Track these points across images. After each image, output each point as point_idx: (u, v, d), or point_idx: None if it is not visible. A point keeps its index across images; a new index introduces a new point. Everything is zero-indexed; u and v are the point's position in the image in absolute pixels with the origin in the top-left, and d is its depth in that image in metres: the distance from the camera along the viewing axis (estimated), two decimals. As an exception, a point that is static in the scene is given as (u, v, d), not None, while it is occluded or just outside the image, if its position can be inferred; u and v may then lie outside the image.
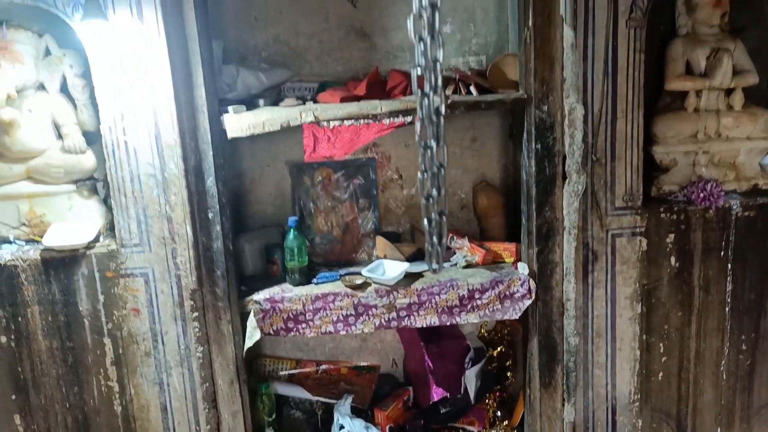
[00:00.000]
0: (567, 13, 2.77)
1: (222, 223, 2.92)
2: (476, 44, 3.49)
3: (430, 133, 1.63)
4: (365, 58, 3.46)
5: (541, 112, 2.90)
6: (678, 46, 3.00)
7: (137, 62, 2.69)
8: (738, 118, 2.99)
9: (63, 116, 2.87)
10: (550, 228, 2.99)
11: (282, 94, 3.31)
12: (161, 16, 2.67)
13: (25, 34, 2.78)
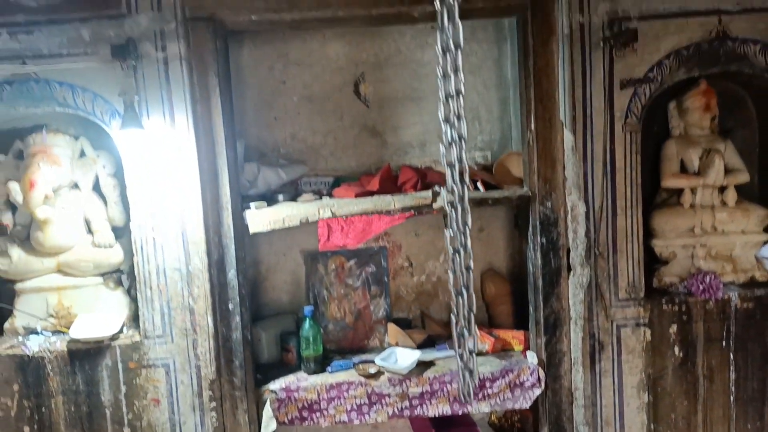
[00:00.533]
0: (566, 119, 2.98)
1: (241, 313, 3.04)
2: (482, 141, 3.70)
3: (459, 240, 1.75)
4: (377, 153, 3.67)
5: (545, 208, 3.07)
6: (672, 146, 3.20)
7: (168, 164, 2.88)
8: (732, 214, 3.16)
9: (94, 213, 3.04)
10: (557, 318, 3.11)
11: (299, 188, 3.50)
12: (192, 121, 2.88)
13: (63, 137, 2.99)
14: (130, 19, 2.76)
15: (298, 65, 3.58)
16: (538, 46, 2.98)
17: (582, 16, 2.90)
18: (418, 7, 2.95)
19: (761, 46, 2.95)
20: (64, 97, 2.78)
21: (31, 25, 2.73)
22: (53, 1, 2.73)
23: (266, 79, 3.56)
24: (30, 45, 2.73)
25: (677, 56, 2.94)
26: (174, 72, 2.81)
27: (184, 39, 2.81)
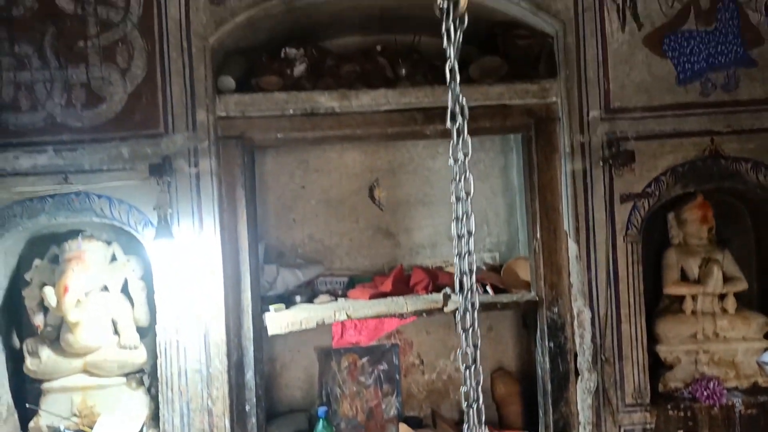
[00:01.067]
0: (570, 230, 3.16)
1: (257, 414, 3.14)
2: (490, 242, 3.88)
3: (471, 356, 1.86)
4: (390, 254, 3.84)
5: (552, 313, 3.20)
6: (672, 254, 3.36)
7: (194, 269, 3.04)
8: (732, 321, 3.28)
9: (121, 314, 3.18)
10: (566, 423, 3.18)
11: (316, 288, 3.66)
12: (218, 229, 3.06)
13: (97, 243, 3.17)
14: (167, 138, 3.00)
15: (317, 171, 3.81)
16: (542, 163, 3.20)
17: (582, 136, 3.12)
18: (430, 126, 3.19)
19: (752, 164, 3.15)
20: (102, 209, 2.99)
21: (75, 143, 2.97)
22: (97, 122, 2.98)
23: (287, 184, 3.78)
24: (73, 161, 2.96)
25: (673, 173, 3.14)
26: (204, 185, 3.02)
27: (215, 156, 3.04)
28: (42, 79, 2.96)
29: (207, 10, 3.01)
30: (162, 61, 3.00)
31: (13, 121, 2.95)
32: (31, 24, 2.95)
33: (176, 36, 3.00)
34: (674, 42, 3.11)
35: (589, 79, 3.13)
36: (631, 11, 3.11)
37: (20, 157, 2.94)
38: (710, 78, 3.13)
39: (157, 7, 2.99)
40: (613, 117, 3.12)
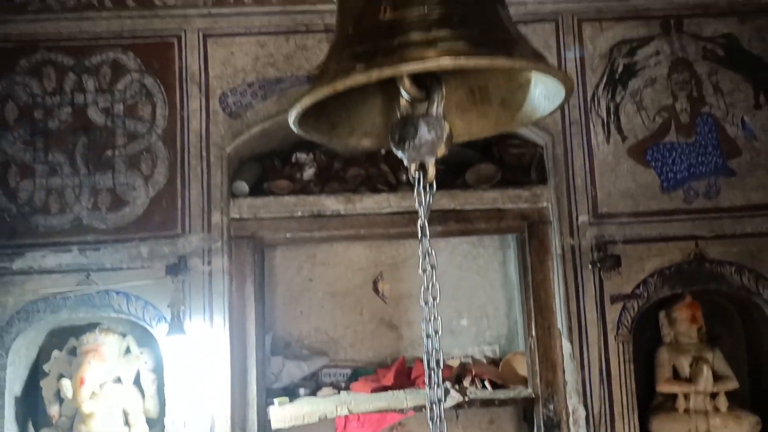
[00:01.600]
0: (564, 328, 3.30)
1: None
2: (489, 336, 4.01)
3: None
4: (393, 346, 3.98)
5: (548, 410, 3.29)
6: (664, 353, 3.47)
7: (204, 363, 3.19)
8: (725, 420, 3.34)
9: (132, 406, 3.31)
10: None
11: (320, 380, 3.78)
12: (228, 325, 3.23)
13: (113, 336, 3.35)
14: (184, 238, 3.22)
15: (323, 265, 4.01)
16: (535, 263, 3.38)
17: (572, 239, 3.31)
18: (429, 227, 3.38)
19: (736, 268, 3.30)
20: (119, 305, 3.18)
21: (99, 243, 3.20)
22: (120, 224, 3.22)
23: (295, 277, 3.98)
24: (96, 260, 3.19)
25: (660, 275, 3.30)
26: (216, 283, 3.22)
27: (227, 255, 3.25)
28: (71, 184, 3.22)
29: (225, 123, 3.30)
30: (182, 169, 3.26)
31: (43, 223, 3.19)
32: (64, 135, 3.25)
33: (196, 146, 3.28)
34: (657, 153, 3.34)
35: (578, 186, 3.34)
36: (615, 124, 3.36)
37: (47, 255, 3.17)
38: (692, 186, 3.34)
39: (180, 121, 3.28)
40: (601, 222, 3.32)
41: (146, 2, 3.31)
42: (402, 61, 1.01)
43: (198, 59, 3.31)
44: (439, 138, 1.23)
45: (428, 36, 1.04)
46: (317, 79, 1.19)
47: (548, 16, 3.40)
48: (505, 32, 1.12)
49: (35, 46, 3.28)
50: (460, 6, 1.09)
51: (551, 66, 1.12)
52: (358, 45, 1.12)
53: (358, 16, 1.15)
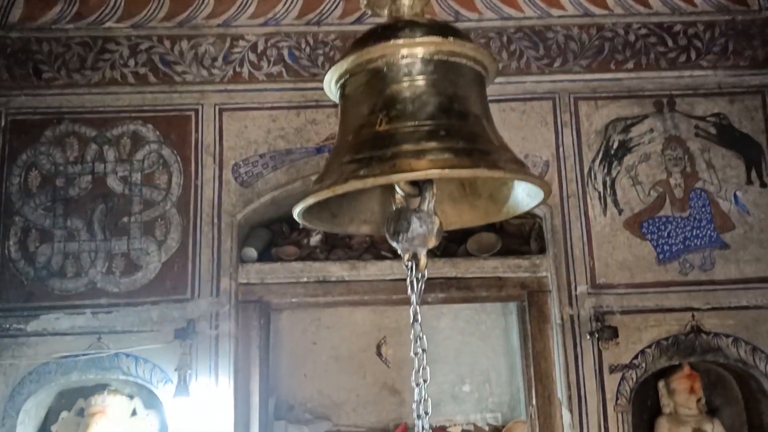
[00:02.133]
0: (563, 398, 3.34)
1: None
2: (492, 402, 4.04)
3: None
4: (395, 410, 4.02)
5: (548, 480, 3.30)
6: (664, 424, 3.49)
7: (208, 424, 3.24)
8: (727, 495, 3.34)
9: (137, 468, 3.36)
10: None
11: (322, 446, 3.81)
12: (232, 387, 3.29)
13: (120, 398, 3.42)
14: (193, 302, 3.33)
15: (328, 329, 4.09)
16: (535, 332, 3.45)
17: (571, 309, 3.38)
18: (432, 294, 3.49)
19: (732, 340, 3.36)
20: (128, 367, 3.27)
21: (111, 306, 3.31)
22: (132, 288, 3.34)
23: (300, 340, 4.06)
24: (107, 323, 3.29)
25: (658, 346, 3.36)
26: (223, 346, 3.30)
27: (234, 319, 3.35)
28: (88, 249, 3.36)
29: (237, 191, 3.46)
30: (194, 235, 3.40)
31: (59, 286, 3.32)
32: (84, 202, 3.41)
33: (209, 213, 3.42)
34: (653, 226, 3.45)
35: (576, 256, 3.44)
36: (611, 198, 3.48)
37: (61, 318, 3.28)
38: (688, 259, 3.43)
39: (194, 189, 3.44)
40: (599, 292, 3.40)
41: (167, 78, 3.52)
42: (394, 171, 1.14)
43: (213, 131, 3.50)
44: (430, 232, 1.35)
45: (418, 147, 1.18)
46: (320, 179, 1.33)
47: (546, 95, 3.58)
48: (488, 143, 1.25)
49: (61, 118, 3.48)
50: (448, 120, 1.24)
51: (529, 174, 1.25)
52: (356, 152, 1.25)
53: (358, 126, 1.29)
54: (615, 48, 3.59)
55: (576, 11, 3.61)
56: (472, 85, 1.32)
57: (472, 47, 1.31)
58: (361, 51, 1.30)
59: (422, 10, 1.42)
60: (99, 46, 3.54)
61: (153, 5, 3.54)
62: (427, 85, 1.27)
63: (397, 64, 1.27)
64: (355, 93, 1.34)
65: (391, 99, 1.26)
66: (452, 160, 1.15)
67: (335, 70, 1.36)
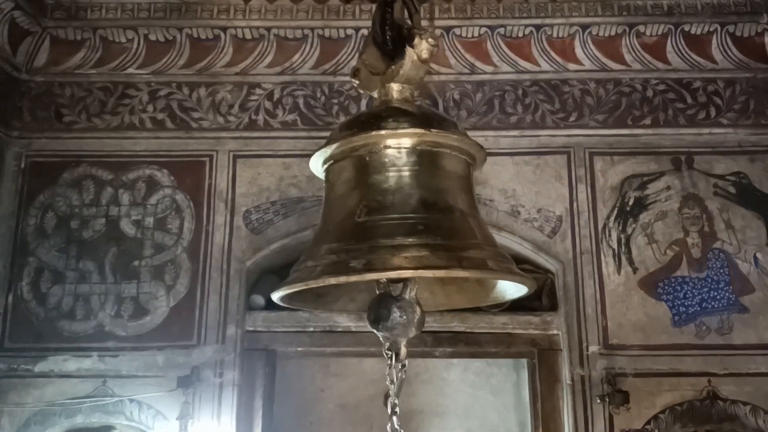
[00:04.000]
0: (572, 462, 3.23)
1: None
2: (500, 459, 3.93)
3: None
4: (401, 463, 3.92)
5: None
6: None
7: (208, 476, 3.22)
8: None
9: None
10: None
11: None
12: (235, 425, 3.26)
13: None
14: (198, 349, 3.32)
15: (336, 376, 4.05)
16: (545, 391, 3.36)
17: (583, 370, 3.29)
18: (439, 348, 3.44)
19: (751, 408, 3.22)
20: (131, 412, 3.26)
21: (118, 350, 3.32)
22: (140, 332, 3.35)
23: (307, 387, 4.02)
24: (113, 366, 3.30)
25: (672, 412, 3.24)
26: (226, 395, 3.28)
27: (239, 367, 3.33)
28: (98, 292, 3.39)
29: (247, 238, 3.47)
30: (203, 280, 3.41)
31: (68, 328, 3.35)
32: (97, 244, 3.45)
33: (218, 259, 3.43)
34: (668, 286, 3.36)
35: (588, 315, 3.36)
36: (626, 256, 3.41)
37: (68, 360, 3.30)
38: (704, 321, 3.32)
39: (205, 235, 3.46)
40: (611, 353, 3.31)
41: (184, 124, 3.58)
42: (369, 269, 1.12)
43: (227, 178, 3.53)
44: (410, 322, 1.32)
45: (395, 242, 1.16)
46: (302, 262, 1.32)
47: (560, 149, 3.54)
48: (469, 238, 1.23)
49: (79, 161, 3.55)
50: (428, 214, 1.22)
51: (507, 273, 1.22)
52: (336, 240, 1.24)
53: (339, 214, 1.28)
54: (632, 103, 3.55)
55: (593, 66, 3.59)
56: (456, 176, 1.30)
57: (456, 138, 1.30)
58: (345, 139, 1.29)
59: (412, 95, 1.42)
60: (119, 92, 3.62)
61: (173, 53, 3.61)
62: (409, 176, 1.25)
63: (379, 153, 1.27)
64: (338, 179, 1.33)
65: (372, 189, 1.25)
66: (428, 258, 1.13)
67: (320, 155, 1.36)
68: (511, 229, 3.48)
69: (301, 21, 3.56)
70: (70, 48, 3.62)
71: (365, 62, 1.46)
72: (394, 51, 1.42)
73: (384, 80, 1.41)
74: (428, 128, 1.26)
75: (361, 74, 1.46)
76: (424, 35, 1.37)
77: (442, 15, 3.58)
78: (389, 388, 1.38)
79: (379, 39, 1.43)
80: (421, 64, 1.38)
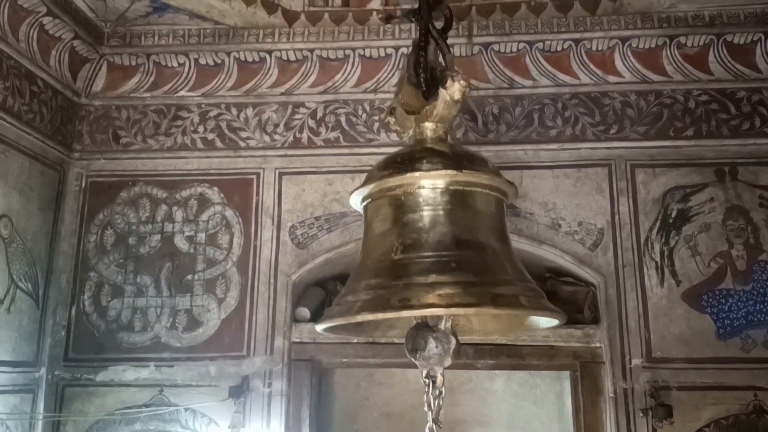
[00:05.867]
0: (616, 475, 3.24)
1: None
2: (544, 469, 3.95)
3: None
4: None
5: None
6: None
7: (258, 482, 3.36)
8: None
9: None
10: None
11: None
12: (284, 431, 3.40)
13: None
14: (248, 360, 3.47)
15: (380, 384, 4.14)
16: (587, 404, 3.38)
17: (626, 383, 3.30)
18: (481, 360, 3.49)
19: (801, 429, 3.18)
20: (186, 420, 3.43)
21: (173, 360, 3.49)
22: (193, 343, 3.52)
23: (353, 395, 4.12)
24: (169, 376, 3.47)
25: (717, 426, 3.21)
26: (274, 405, 3.41)
27: (286, 378, 3.45)
28: (154, 305, 3.57)
29: (293, 252, 3.59)
30: (252, 294, 3.55)
31: (127, 340, 3.54)
32: (153, 259, 3.63)
33: (266, 273, 3.57)
34: (712, 299, 3.33)
35: (631, 328, 3.36)
36: (669, 268, 3.39)
37: (127, 370, 3.49)
38: (750, 335, 3.28)
39: (253, 249, 3.60)
40: (655, 366, 3.30)
41: (232, 144, 3.73)
42: (403, 306, 1.21)
43: (273, 194, 3.66)
44: (446, 352, 1.40)
45: (428, 280, 1.24)
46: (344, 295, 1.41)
47: (601, 162, 3.55)
48: (500, 274, 1.30)
49: (135, 180, 3.74)
50: (459, 252, 1.29)
51: (536, 308, 1.29)
52: (374, 276, 1.33)
53: (377, 251, 1.37)
54: (674, 115, 3.54)
55: (633, 78, 3.59)
56: (488, 213, 1.38)
57: (487, 177, 1.37)
58: (381, 180, 1.38)
59: (445, 133, 1.50)
60: (172, 113, 3.80)
61: (222, 76, 3.77)
62: (442, 215, 1.33)
63: (414, 194, 1.35)
64: (376, 217, 1.42)
65: (407, 228, 1.33)
66: (460, 296, 1.21)
67: (359, 194, 1.45)
68: (552, 242, 3.51)
69: (342, 42, 3.67)
70: (126, 73, 3.81)
71: (401, 101, 1.54)
72: (428, 92, 1.49)
73: (419, 119, 1.49)
74: (460, 169, 1.34)
75: (397, 113, 1.55)
76: (456, 77, 1.44)
77: (480, 32, 3.63)
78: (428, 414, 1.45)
79: (413, 80, 1.52)
80: (454, 104, 1.46)
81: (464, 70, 3.64)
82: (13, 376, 3.28)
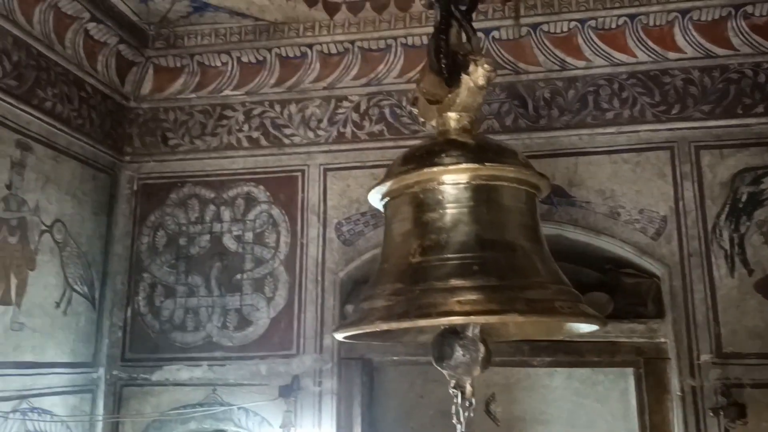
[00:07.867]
0: (686, 478, 3.03)
1: None
2: (609, 469, 3.76)
3: None
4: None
5: None
6: None
7: (312, 483, 3.33)
8: None
9: None
10: None
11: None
12: (335, 431, 3.36)
13: (235, 445, 3.60)
14: (298, 358, 3.44)
15: (435, 381, 4.01)
16: (653, 403, 3.18)
17: (694, 380, 3.08)
18: (537, 358, 3.36)
19: None
20: (239, 419, 3.44)
21: (225, 359, 3.51)
22: (244, 342, 3.52)
23: (407, 393, 4.02)
24: (222, 375, 3.49)
25: (800, 420, 2.96)
26: (325, 404, 3.38)
27: (337, 376, 3.41)
28: (206, 305, 3.59)
29: (339, 250, 3.54)
30: (300, 292, 3.52)
31: (180, 339, 3.57)
32: (203, 259, 3.65)
33: (313, 271, 3.53)
34: (790, 291, 3.06)
35: (699, 322, 3.13)
36: (739, 257, 3.14)
37: (181, 369, 3.53)
38: (834, 329, 3.00)
39: (300, 248, 3.57)
40: (726, 362, 3.07)
41: (277, 141, 3.70)
42: (420, 315, 1.11)
43: (318, 191, 3.61)
44: (474, 361, 1.30)
45: (447, 285, 1.14)
46: (365, 298, 1.32)
47: (663, 144, 3.33)
48: (530, 276, 1.18)
49: (184, 182, 3.77)
50: (482, 253, 1.18)
51: (570, 316, 1.16)
52: (390, 283, 1.23)
53: (395, 253, 1.27)
54: (742, 91, 3.26)
55: (696, 53, 3.33)
56: (516, 209, 1.26)
57: (514, 169, 1.25)
58: (398, 176, 1.28)
59: (471, 122, 1.38)
60: (217, 113, 3.81)
61: (265, 72, 3.74)
62: (465, 212, 1.23)
63: (433, 190, 1.25)
64: (395, 216, 1.33)
65: (427, 228, 1.23)
66: (482, 302, 1.10)
67: (377, 192, 1.35)
68: (611, 232, 3.31)
69: (383, 31, 3.57)
70: (172, 75, 3.84)
71: (423, 90, 1.44)
72: (450, 79, 1.38)
73: (441, 109, 1.38)
74: (483, 162, 1.22)
75: (420, 103, 1.45)
76: (480, 61, 1.32)
77: (527, 12, 3.46)
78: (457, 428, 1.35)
79: (435, 67, 1.41)
80: (478, 90, 1.34)
81: (512, 54, 3.53)
82: (73, 377, 3.37)
